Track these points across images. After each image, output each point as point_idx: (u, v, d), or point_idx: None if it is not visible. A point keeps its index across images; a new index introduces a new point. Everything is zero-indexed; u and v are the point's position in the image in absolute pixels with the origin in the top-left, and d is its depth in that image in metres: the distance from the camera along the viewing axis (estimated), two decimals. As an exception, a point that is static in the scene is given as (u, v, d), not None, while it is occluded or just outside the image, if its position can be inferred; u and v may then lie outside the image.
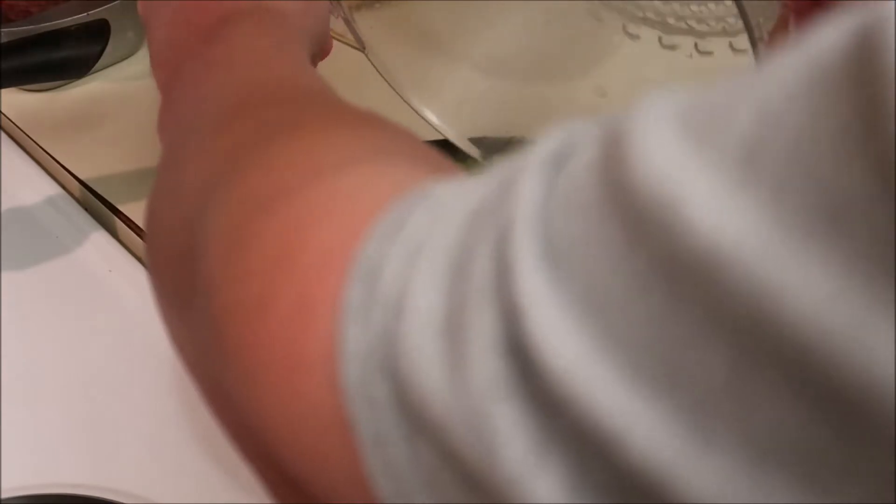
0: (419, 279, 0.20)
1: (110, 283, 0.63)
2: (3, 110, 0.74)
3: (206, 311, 0.26)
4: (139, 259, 0.64)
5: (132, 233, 0.65)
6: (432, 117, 0.64)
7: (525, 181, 0.19)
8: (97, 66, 0.65)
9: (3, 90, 0.67)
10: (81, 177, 0.68)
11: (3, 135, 0.74)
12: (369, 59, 0.62)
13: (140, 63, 0.79)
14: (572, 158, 0.19)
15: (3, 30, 0.70)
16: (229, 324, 0.24)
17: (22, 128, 0.73)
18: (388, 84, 0.62)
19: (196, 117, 0.34)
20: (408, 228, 0.21)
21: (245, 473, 0.55)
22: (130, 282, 0.63)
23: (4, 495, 0.51)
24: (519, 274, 0.17)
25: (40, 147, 0.71)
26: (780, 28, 0.43)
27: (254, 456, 0.26)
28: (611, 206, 0.17)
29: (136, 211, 0.66)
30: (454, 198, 0.21)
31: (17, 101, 0.74)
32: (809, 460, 0.14)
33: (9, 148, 0.73)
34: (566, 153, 0.19)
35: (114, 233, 0.66)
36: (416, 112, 0.64)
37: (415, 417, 0.19)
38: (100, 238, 0.66)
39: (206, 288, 0.26)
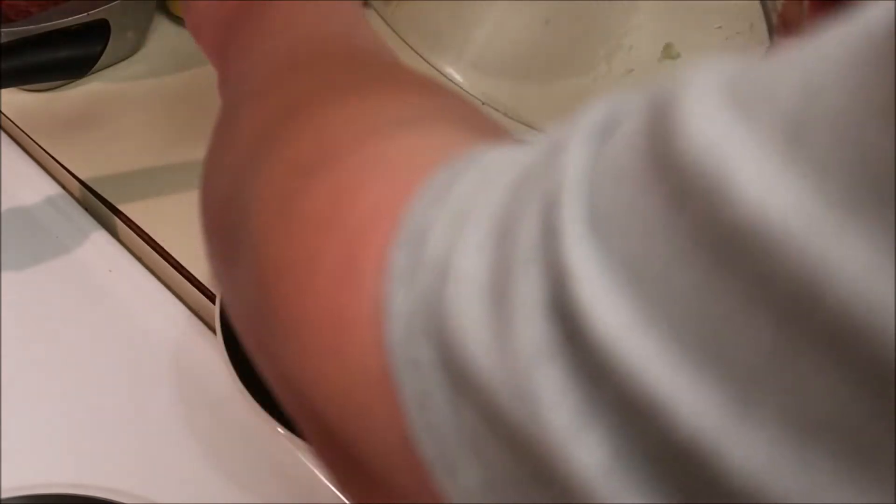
0: (464, 243, 0.20)
1: (110, 283, 0.63)
2: (3, 110, 0.74)
3: (252, 268, 0.26)
4: (139, 259, 0.65)
5: (132, 233, 0.65)
6: (452, 72, 0.64)
7: (572, 149, 0.19)
8: (97, 66, 0.65)
9: (3, 90, 0.67)
10: (81, 177, 0.68)
11: (3, 135, 0.74)
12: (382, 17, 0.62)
13: (140, 63, 0.79)
14: (618, 128, 0.19)
15: (3, 30, 0.70)
16: (275, 282, 0.24)
17: (22, 128, 0.73)
18: (406, 43, 0.62)
19: (252, 75, 0.34)
20: (454, 193, 0.21)
21: (244, 473, 0.55)
22: (130, 282, 0.63)
23: (4, 495, 0.51)
24: (566, 240, 0.17)
25: (40, 147, 0.71)
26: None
27: (298, 412, 0.26)
28: (655, 175, 0.17)
29: (136, 211, 0.66)
30: (500, 164, 0.21)
31: (17, 101, 0.74)
32: (855, 436, 0.14)
33: (9, 148, 0.73)
34: (612, 122, 0.19)
35: (114, 233, 0.66)
36: (435, 68, 0.63)
37: (459, 380, 0.19)
38: (100, 238, 0.66)
39: (252, 245, 0.26)
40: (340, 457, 0.24)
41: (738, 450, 0.15)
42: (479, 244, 0.19)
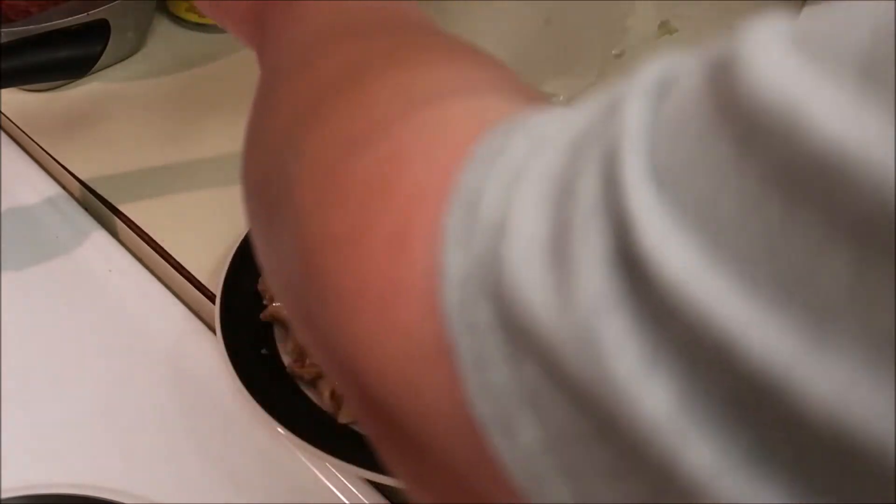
0: (521, 201, 0.20)
1: (110, 283, 0.63)
2: (3, 110, 0.74)
3: (296, 240, 0.26)
4: (139, 259, 0.65)
5: (132, 233, 0.65)
6: None
7: (629, 105, 0.19)
8: (97, 66, 0.65)
9: (3, 90, 0.67)
10: (81, 177, 0.68)
11: (3, 135, 0.74)
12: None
13: (140, 63, 0.79)
14: (676, 84, 0.19)
15: (3, 30, 0.70)
16: (322, 255, 0.24)
17: (22, 128, 0.73)
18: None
19: (294, 45, 0.34)
20: (506, 155, 0.21)
21: (244, 473, 0.55)
22: (130, 282, 0.63)
23: (4, 495, 0.51)
24: (628, 190, 0.17)
25: (40, 147, 0.71)
26: None
27: (346, 384, 0.26)
28: (720, 122, 0.17)
29: (136, 211, 0.66)
30: (553, 124, 0.21)
31: (17, 101, 0.74)
32: None
33: (9, 148, 0.73)
34: (668, 80, 0.19)
35: (114, 233, 0.66)
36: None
37: (518, 337, 0.19)
38: (100, 238, 0.66)
39: (296, 218, 0.26)
40: (389, 429, 0.24)
41: (815, 376, 0.15)
42: (536, 202, 0.19)
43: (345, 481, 0.52)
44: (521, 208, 0.20)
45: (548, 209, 0.19)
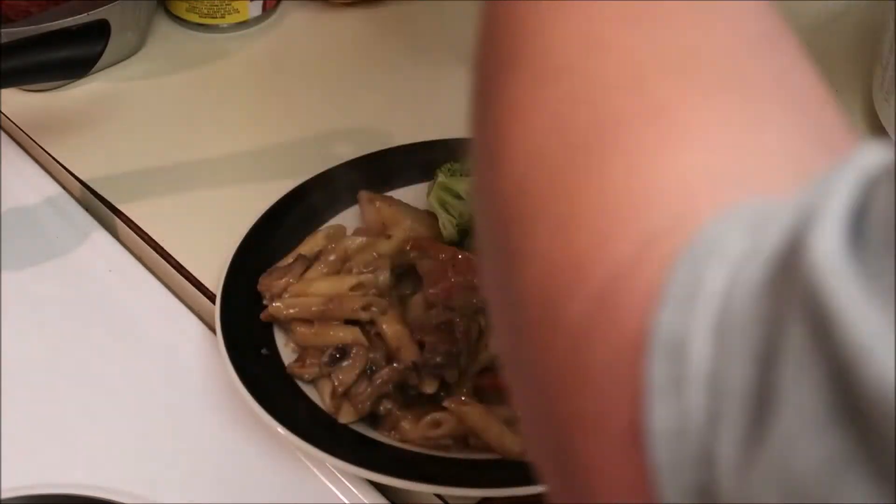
0: (730, 361, 0.19)
1: (110, 283, 0.63)
2: (3, 110, 0.74)
3: (535, 383, 0.24)
4: (139, 259, 0.65)
5: (132, 233, 0.65)
6: None
7: (825, 236, 0.17)
8: (97, 66, 0.65)
9: (3, 90, 0.67)
10: (81, 177, 0.68)
11: (3, 135, 0.74)
12: None
13: (140, 63, 0.79)
14: (873, 198, 0.17)
15: (3, 30, 0.70)
16: (563, 430, 0.23)
17: (22, 128, 0.73)
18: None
19: None
20: (704, 294, 0.20)
21: (244, 473, 0.55)
22: (130, 282, 0.63)
23: (4, 495, 0.51)
24: (846, 329, 0.16)
25: (40, 147, 0.71)
26: None
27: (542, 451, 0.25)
28: None
29: (136, 211, 0.66)
30: (744, 253, 0.20)
31: (17, 101, 0.74)
32: None
33: (9, 148, 0.73)
34: (862, 194, 0.18)
35: (114, 233, 0.66)
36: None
37: None
38: (100, 238, 0.66)
39: (533, 359, 0.24)
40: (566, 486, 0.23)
41: None
42: (744, 358, 0.18)
43: (345, 481, 0.52)
44: (731, 368, 0.18)
45: (757, 367, 0.18)
